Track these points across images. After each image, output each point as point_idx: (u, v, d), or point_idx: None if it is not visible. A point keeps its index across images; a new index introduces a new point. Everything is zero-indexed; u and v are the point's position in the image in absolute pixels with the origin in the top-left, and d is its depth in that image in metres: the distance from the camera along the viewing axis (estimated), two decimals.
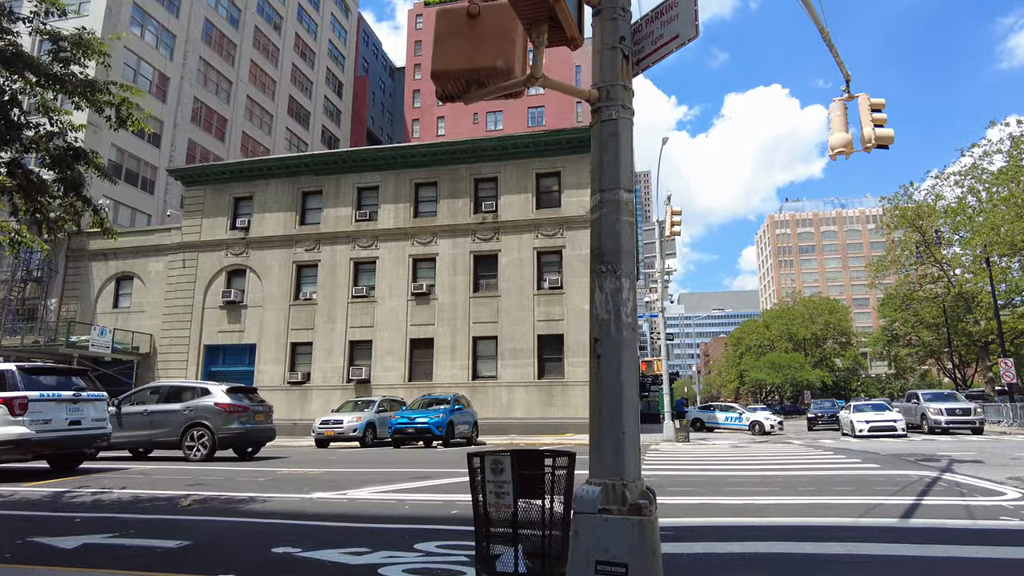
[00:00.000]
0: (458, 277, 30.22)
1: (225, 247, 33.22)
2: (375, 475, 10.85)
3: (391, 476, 10.52)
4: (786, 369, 67.03)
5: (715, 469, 11.80)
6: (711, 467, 12.21)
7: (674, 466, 12.45)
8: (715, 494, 8.02)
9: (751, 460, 13.83)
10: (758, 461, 13.47)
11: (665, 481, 9.49)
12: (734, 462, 13.38)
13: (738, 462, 13.34)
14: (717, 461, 13.77)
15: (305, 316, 31.56)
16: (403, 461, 14.41)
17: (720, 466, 12.40)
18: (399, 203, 31.60)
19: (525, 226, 30.03)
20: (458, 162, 31.26)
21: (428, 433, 19.72)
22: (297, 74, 55.73)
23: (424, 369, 29.90)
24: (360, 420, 21.14)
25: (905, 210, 43.02)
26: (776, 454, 15.80)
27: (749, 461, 13.56)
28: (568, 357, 28.37)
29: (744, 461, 13.59)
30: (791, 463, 12.85)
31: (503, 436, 26.77)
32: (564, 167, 30.22)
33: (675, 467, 12.23)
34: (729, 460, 13.95)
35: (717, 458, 14.68)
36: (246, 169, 33.60)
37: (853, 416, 26.84)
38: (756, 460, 13.79)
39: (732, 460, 13.92)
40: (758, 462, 13.23)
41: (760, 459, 13.99)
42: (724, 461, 13.71)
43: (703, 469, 11.79)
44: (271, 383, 31.14)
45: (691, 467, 12.20)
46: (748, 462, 13.29)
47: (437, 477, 10.17)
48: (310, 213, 33.00)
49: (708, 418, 33.38)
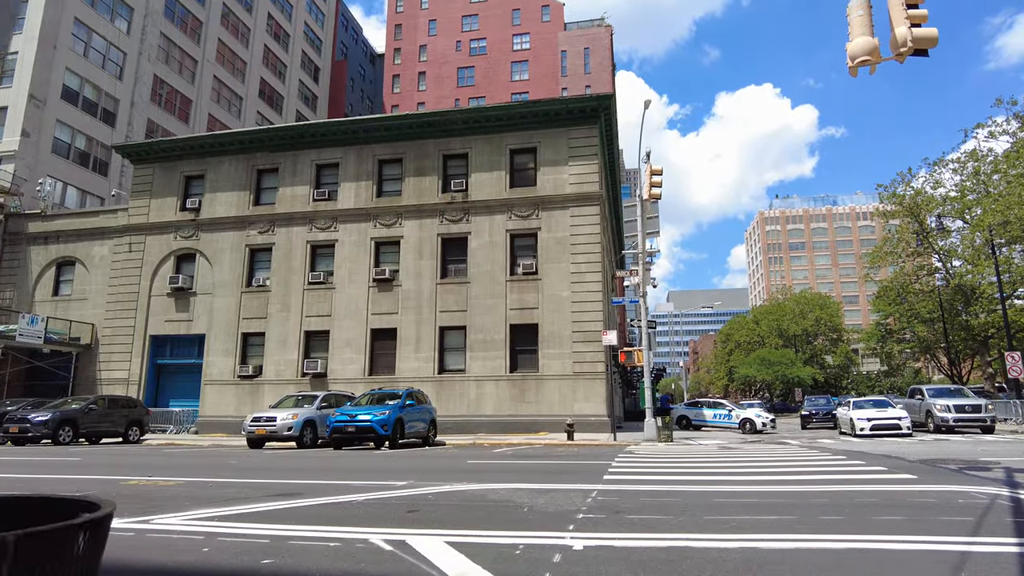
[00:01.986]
0: (424, 262, 27.32)
1: (174, 229, 30.19)
2: (240, 489, 7.95)
3: (259, 490, 7.64)
4: (777, 366, 64.42)
5: (698, 480, 8.96)
6: (693, 477, 9.38)
7: (645, 475, 9.62)
8: (695, 528, 5.18)
9: (745, 466, 11.04)
10: (754, 468, 10.68)
11: (627, 501, 6.67)
12: (723, 469, 10.58)
13: (728, 470, 10.54)
14: (702, 468, 10.94)
15: (258, 304, 28.58)
16: (309, 469, 11.51)
17: (705, 476, 9.57)
18: (361, 181, 28.65)
19: (498, 206, 27.16)
20: (425, 136, 28.35)
21: (371, 432, 16.81)
22: (270, 56, 52.63)
23: (386, 362, 26.98)
24: (296, 418, 18.20)
25: (902, 198, 40.39)
26: (774, 458, 13.02)
27: (742, 468, 10.77)
28: (543, 348, 25.54)
29: (736, 468, 10.80)
30: (797, 471, 10.04)
31: (469, 435, 23.89)
32: (540, 142, 27.38)
33: (646, 477, 9.40)
34: (717, 466, 11.14)
35: (702, 463, 11.86)
36: (197, 145, 30.57)
37: (853, 413, 24.10)
38: (751, 467, 11.00)
39: (721, 466, 11.12)
40: (754, 470, 10.44)
41: (756, 465, 11.22)
42: (711, 468, 10.89)
43: (683, 480, 8.95)
44: (220, 377, 28.19)
45: (668, 477, 9.37)
46: (741, 469, 10.50)
47: (314, 494, 7.30)
48: (265, 193, 30.02)
49: (695, 415, 30.61)
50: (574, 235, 26.27)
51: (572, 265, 25.99)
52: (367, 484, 8.27)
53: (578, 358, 25.09)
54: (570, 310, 25.58)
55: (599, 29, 56.83)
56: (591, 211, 26.40)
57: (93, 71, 36.79)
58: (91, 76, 36.60)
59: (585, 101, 26.93)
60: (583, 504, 6.38)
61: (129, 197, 31.77)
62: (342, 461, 13.17)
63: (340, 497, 6.96)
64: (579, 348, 25.17)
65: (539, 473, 10.06)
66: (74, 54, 35.49)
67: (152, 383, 29.50)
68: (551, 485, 8.05)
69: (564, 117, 27.13)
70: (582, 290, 25.67)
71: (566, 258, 26.12)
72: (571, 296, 25.69)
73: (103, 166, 37.76)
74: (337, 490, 7.65)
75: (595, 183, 26.54)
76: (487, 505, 6.31)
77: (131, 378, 29.01)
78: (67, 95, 35.17)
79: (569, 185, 26.73)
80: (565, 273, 25.98)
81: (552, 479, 9.07)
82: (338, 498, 6.90)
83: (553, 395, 25.01)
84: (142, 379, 29.09)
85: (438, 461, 12.86)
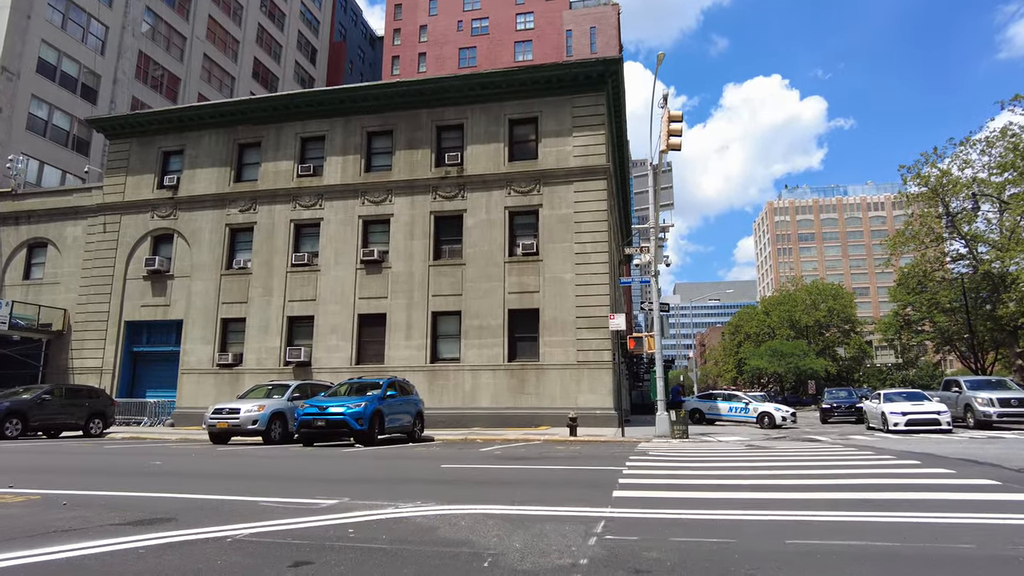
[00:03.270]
0: (416, 242, 24.90)
1: (151, 208, 27.89)
2: (99, 511, 5.55)
3: (122, 512, 5.25)
4: (789, 357, 61.62)
5: (743, 499, 6.50)
6: (733, 493, 6.92)
7: (669, 489, 7.18)
8: None
9: (789, 473, 8.59)
10: (803, 475, 8.23)
11: (652, 542, 4.26)
12: (764, 477, 8.13)
13: (771, 477, 8.10)
14: (736, 474, 8.50)
15: (238, 288, 26.27)
16: (241, 476, 9.12)
17: (748, 490, 7.11)
18: (348, 155, 26.23)
19: (495, 181, 24.69)
20: (418, 106, 25.87)
21: (343, 427, 14.43)
22: (264, 36, 50.19)
23: (375, 350, 24.62)
24: (263, 409, 15.84)
25: (927, 178, 37.57)
26: (817, 460, 10.55)
27: (787, 475, 8.32)
28: (544, 336, 23.11)
29: (780, 475, 8.34)
30: (864, 482, 7.57)
31: (462, 430, 21.52)
32: (542, 111, 24.85)
33: (671, 493, 6.95)
34: (754, 472, 8.69)
35: (734, 468, 9.42)
36: (176, 118, 28.20)
37: (885, 407, 21.56)
38: (797, 473, 8.55)
39: (759, 472, 8.68)
40: (805, 478, 7.98)
41: (802, 470, 8.78)
42: (747, 475, 8.44)
43: (722, 499, 6.50)
44: (199, 365, 25.93)
45: (699, 492, 6.92)
46: (787, 477, 8.05)
47: (190, 520, 4.87)
48: (247, 169, 27.65)
49: (709, 408, 28.14)
50: (578, 212, 23.78)
51: (576, 245, 23.52)
52: (280, 504, 5.89)
53: (582, 346, 22.67)
54: (574, 294, 23.14)
55: (606, 8, 54.01)
56: (597, 186, 23.89)
57: (72, 44, 34.48)
58: (70, 50, 34.30)
59: (591, 66, 24.36)
60: (582, 550, 3.99)
61: (104, 174, 29.49)
62: (294, 463, 10.80)
63: (217, 529, 4.57)
64: (584, 335, 22.74)
65: (527, 485, 7.67)
66: (51, 25, 33.17)
67: (127, 372, 27.28)
68: (538, 509, 5.63)
69: (568, 84, 24.58)
70: (587, 272, 23.21)
71: (570, 237, 23.64)
72: (575, 279, 23.23)
73: (84, 145, 35.51)
74: (230, 514, 5.27)
75: (602, 155, 24.01)
76: (427, 554, 3.90)
77: (105, 367, 26.81)
78: (43, 69, 32.88)
79: (573, 158, 24.21)
80: (569, 253, 23.51)
81: (543, 496, 6.66)
82: (212, 531, 4.52)
83: (555, 386, 22.60)
84: (116, 368, 26.87)
85: (409, 464, 10.48)
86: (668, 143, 12.91)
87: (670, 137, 12.98)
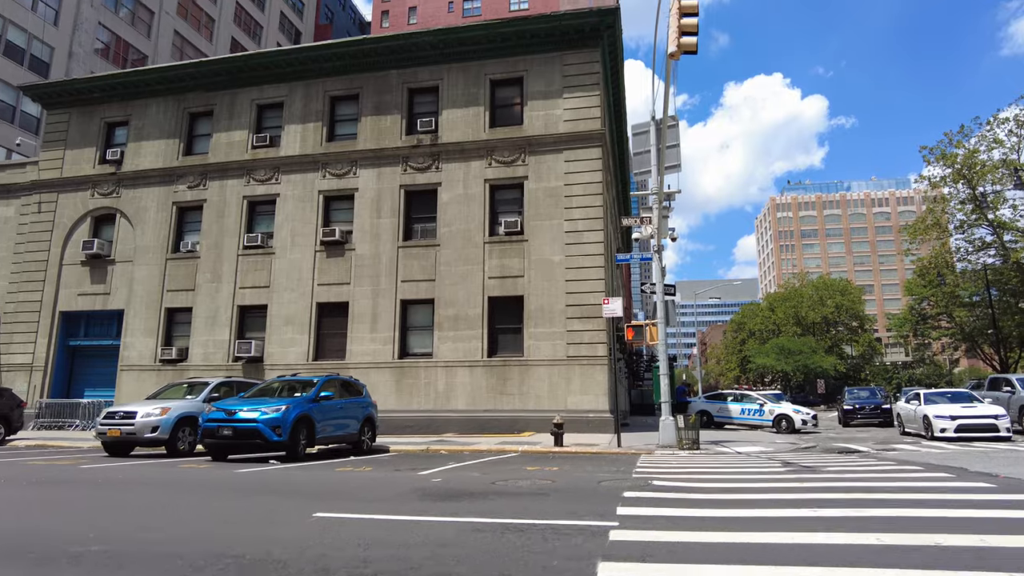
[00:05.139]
0: (383, 220, 21.50)
1: (91, 185, 24.54)
2: None
3: None
4: (797, 355, 58.02)
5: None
6: (802, 571, 3.46)
7: (690, 554, 3.73)
8: None
9: (860, 518, 5.14)
10: (890, 529, 4.79)
11: None
12: (834, 526, 4.68)
13: (843, 527, 4.65)
14: (787, 520, 5.03)
15: (185, 273, 22.90)
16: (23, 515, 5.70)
17: (821, 560, 3.64)
18: (309, 123, 22.84)
19: (474, 150, 21.28)
20: (387, 66, 22.47)
21: (255, 437, 10.99)
22: (242, 15, 46.82)
23: (335, 344, 21.23)
24: (167, 413, 12.42)
25: (953, 157, 34.05)
26: (890, 491, 7.09)
27: (862, 526, 4.88)
28: (529, 327, 19.71)
29: (853, 526, 4.89)
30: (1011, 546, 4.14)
31: (432, 436, 18.11)
32: (528, 71, 21.44)
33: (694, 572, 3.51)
34: (812, 517, 5.24)
35: (779, 506, 5.95)
36: (120, 84, 24.83)
37: (928, 410, 18.10)
38: (874, 520, 5.11)
39: (819, 517, 5.23)
40: (894, 529, 4.53)
41: (877, 509, 5.34)
42: (804, 521, 4.98)
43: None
44: (140, 361, 22.59)
45: (748, 567, 3.47)
46: (865, 528, 4.61)
47: None
48: (198, 141, 24.29)
49: (718, 411, 24.66)
50: (569, 185, 20.36)
51: (567, 223, 20.11)
52: None
53: (573, 339, 19.26)
54: (564, 279, 19.73)
55: None
56: (591, 154, 20.48)
57: (18, 12, 31.15)
58: (16, 17, 30.96)
59: (583, 17, 20.91)
60: None
61: (40, 148, 26.13)
62: (142, 496, 7.38)
63: None
64: (575, 326, 19.33)
65: (444, 562, 4.29)
66: None
67: (63, 369, 23.92)
68: None
69: (558, 39, 21.15)
70: (579, 253, 19.79)
71: (559, 214, 20.23)
72: (565, 261, 19.82)
73: (34, 123, 32.17)
74: None
75: (596, 119, 20.59)
76: None
77: (36, 363, 23.45)
78: None
79: (563, 123, 20.79)
80: (558, 232, 20.10)
81: None
82: None
83: (541, 385, 19.18)
84: (50, 364, 23.51)
85: (264, 509, 7.04)
86: (680, 43, 9.36)
87: (681, 36, 9.45)
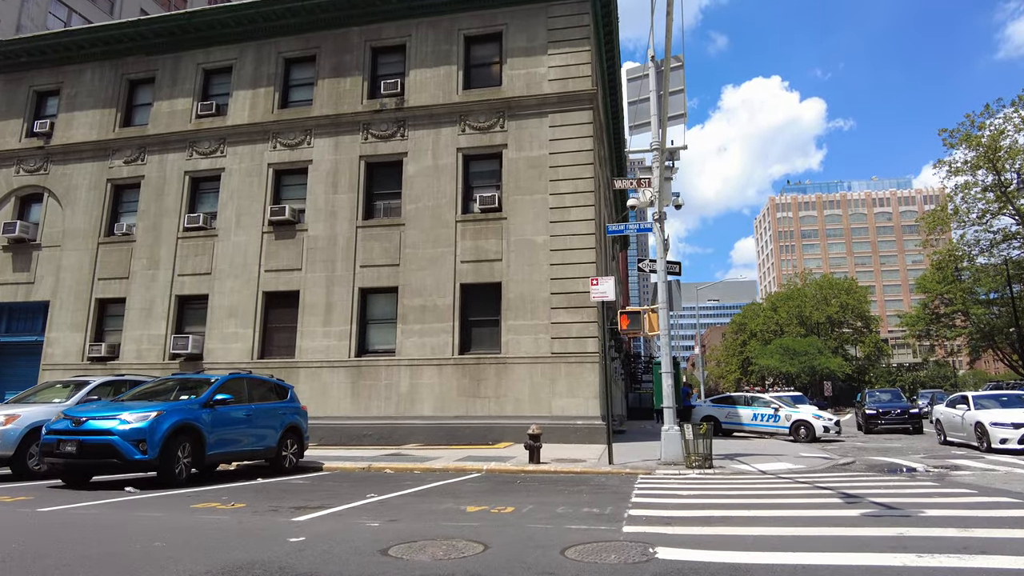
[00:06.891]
0: (340, 195, 18.39)
1: (17, 161, 21.45)
2: None
3: None
4: (802, 356, 54.84)
5: None
6: None
7: None
8: None
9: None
10: None
11: None
12: None
13: None
14: None
15: (119, 259, 19.78)
16: None
17: None
18: (259, 88, 19.74)
19: (446, 115, 18.18)
20: (348, 23, 19.38)
21: (110, 454, 7.87)
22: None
23: (284, 340, 18.08)
24: (11, 423, 9.28)
25: (978, 139, 30.98)
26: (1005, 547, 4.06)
27: None
28: (508, 319, 16.58)
29: None
30: None
31: (390, 448, 14.97)
32: (508, 24, 18.35)
33: None
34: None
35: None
36: (50, 47, 21.74)
37: (982, 416, 14.97)
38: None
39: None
40: None
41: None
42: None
43: None
44: (65, 359, 19.48)
45: None
46: None
47: None
48: (139, 112, 21.19)
49: (726, 416, 21.47)
50: (555, 154, 17.26)
51: (552, 197, 17.01)
52: None
53: (559, 332, 16.14)
54: (548, 262, 16.62)
55: None
56: (580, 118, 17.38)
57: None
58: None
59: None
60: None
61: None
62: None
63: None
64: (561, 318, 16.21)
65: None
66: None
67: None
68: None
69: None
70: (566, 233, 16.69)
71: (543, 187, 17.13)
72: (549, 242, 16.72)
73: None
74: None
75: (586, 77, 17.50)
76: None
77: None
78: None
79: (548, 82, 17.70)
80: (542, 208, 17.00)
81: None
82: None
83: (521, 387, 16.04)
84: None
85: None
86: None
87: None
